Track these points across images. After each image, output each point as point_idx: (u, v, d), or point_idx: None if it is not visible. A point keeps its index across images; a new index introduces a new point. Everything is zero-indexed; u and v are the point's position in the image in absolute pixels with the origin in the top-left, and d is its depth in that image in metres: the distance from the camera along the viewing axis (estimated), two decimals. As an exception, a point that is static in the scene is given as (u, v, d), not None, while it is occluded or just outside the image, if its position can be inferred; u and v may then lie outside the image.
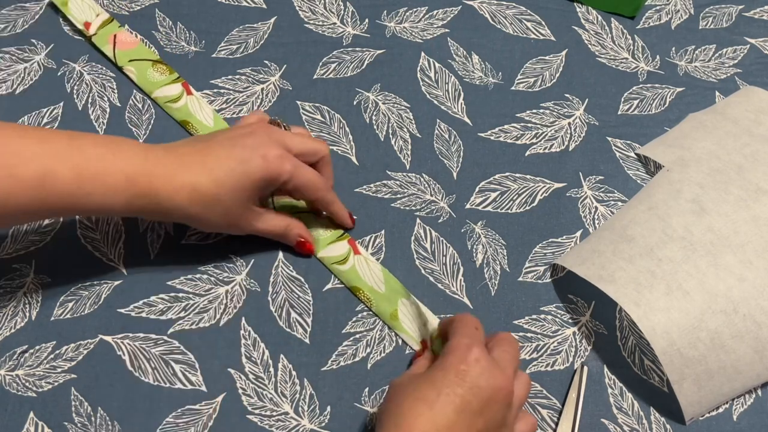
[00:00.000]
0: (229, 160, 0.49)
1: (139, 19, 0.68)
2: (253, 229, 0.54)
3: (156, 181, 0.48)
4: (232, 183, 0.49)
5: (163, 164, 0.49)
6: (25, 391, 0.52)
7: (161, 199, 0.49)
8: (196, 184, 0.49)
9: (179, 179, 0.49)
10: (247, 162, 0.50)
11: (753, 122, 0.61)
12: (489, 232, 0.59)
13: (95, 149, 0.47)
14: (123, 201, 0.48)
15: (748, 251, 0.53)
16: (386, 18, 0.69)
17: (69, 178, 0.46)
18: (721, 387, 0.51)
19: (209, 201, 0.49)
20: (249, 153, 0.50)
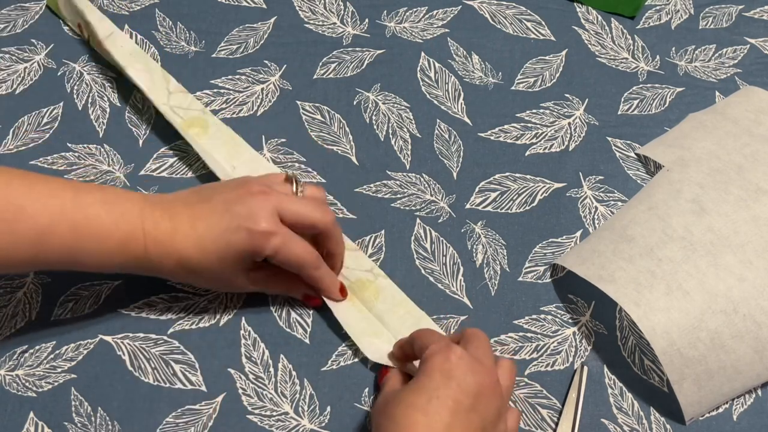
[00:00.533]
0: (218, 229, 0.49)
1: (139, 19, 0.68)
2: (251, 289, 0.53)
3: (148, 246, 0.48)
4: (216, 254, 0.49)
5: (157, 229, 0.49)
6: (25, 391, 0.52)
7: (153, 264, 0.49)
8: (184, 252, 0.49)
9: (169, 247, 0.49)
10: (232, 233, 0.48)
11: (753, 122, 0.61)
12: (489, 232, 0.59)
13: (94, 209, 0.48)
14: (117, 263, 0.49)
15: (748, 251, 0.53)
16: (386, 18, 0.69)
17: (67, 237, 0.47)
18: (721, 387, 0.51)
19: (196, 269, 0.50)
20: (236, 223, 0.48)
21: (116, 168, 0.61)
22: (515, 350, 0.54)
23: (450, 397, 0.43)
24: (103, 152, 0.61)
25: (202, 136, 0.61)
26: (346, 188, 0.60)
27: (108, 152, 0.61)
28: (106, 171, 0.61)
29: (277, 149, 0.62)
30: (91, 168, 0.61)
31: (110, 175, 0.60)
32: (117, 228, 0.48)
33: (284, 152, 0.62)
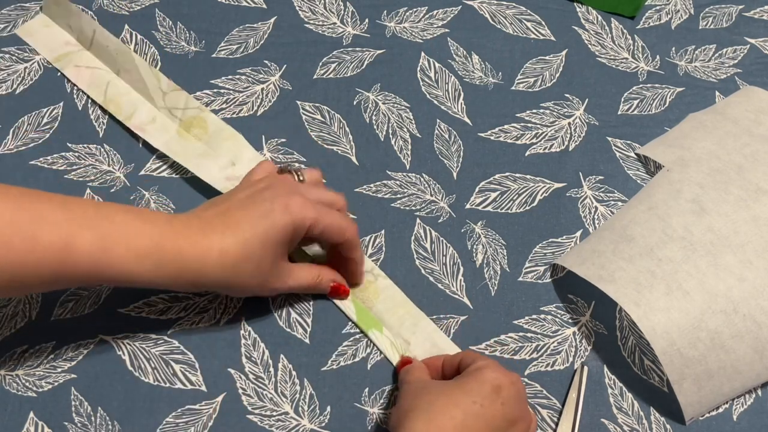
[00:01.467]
0: (252, 218, 0.48)
1: (139, 19, 0.68)
2: (285, 286, 0.52)
3: (184, 245, 0.46)
4: (258, 239, 0.48)
5: (189, 229, 0.47)
6: (25, 391, 0.52)
7: (189, 263, 0.46)
8: (223, 245, 0.47)
9: (206, 243, 0.47)
10: (269, 215, 0.48)
11: (753, 122, 0.61)
12: (489, 232, 0.59)
13: (121, 215, 0.46)
14: (149, 267, 0.46)
15: (748, 251, 0.53)
16: (386, 18, 0.69)
17: (93, 245, 0.44)
18: (721, 387, 0.51)
19: (238, 262, 0.47)
20: (269, 205, 0.48)
21: (116, 168, 0.61)
22: (515, 350, 0.54)
23: (492, 411, 0.44)
24: (103, 152, 0.61)
25: (203, 136, 0.61)
26: (346, 188, 0.60)
27: (108, 152, 0.61)
28: (106, 171, 0.61)
29: (277, 149, 0.62)
30: (91, 168, 0.61)
31: (110, 175, 0.60)
32: (146, 229, 0.46)
33: (284, 152, 0.62)
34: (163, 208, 0.59)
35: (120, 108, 0.62)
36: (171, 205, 0.59)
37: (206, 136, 0.61)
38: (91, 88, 0.63)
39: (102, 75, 0.64)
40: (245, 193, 0.50)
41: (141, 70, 0.63)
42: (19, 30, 0.66)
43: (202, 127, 0.61)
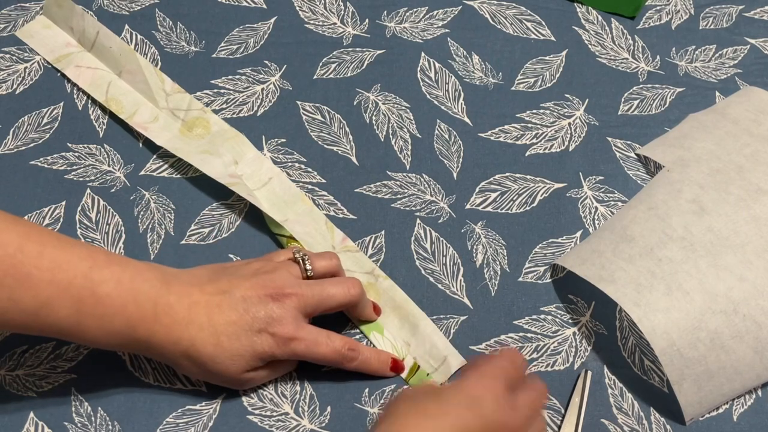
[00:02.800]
0: (238, 329, 0.47)
1: (139, 19, 0.68)
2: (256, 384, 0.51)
3: (157, 332, 0.46)
4: (232, 351, 0.47)
5: (169, 316, 0.47)
6: (25, 391, 0.52)
7: (153, 348, 0.47)
8: (197, 343, 0.47)
9: (180, 335, 0.47)
10: (255, 336, 0.47)
11: (753, 122, 0.61)
12: (489, 233, 0.59)
13: (105, 288, 0.45)
14: (117, 343, 0.47)
15: (748, 251, 0.53)
16: (386, 18, 0.69)
17: (68, 313, 0.45)
18: (721, 387, 0.51)
19: (202, 361, 0.47)
20: (258, 326, 0.47)
21: (116, 168, 0.61)
22: (515, 350, 0.55)
23: (465, 419, 0.42)
24: (103, 152, 0.61)
25: (205, 135, 0.61)
26: (346, 188, 0.60)
27: (108, 152, 0.61)
28: (106, 171, 0.61)
29: (277, 149, 0.62)
30: (91, 168, 0.61)
31: (110, 175, 0.60)
32: (125, 310, 0.46)
33: (284, 152, 0.62)
34: (163, 208, 0.59)
35: (122, 107, 0.62)
36: (171, 205, 0.59)
37: (209, 136, 0.61)
38: (92, 88, 0.63)
39: (103, 75, 0.64)
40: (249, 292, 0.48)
41: (145, 71, 0.63)
42: (18, 32, 0.66)
43: (205, 127, 0.62)
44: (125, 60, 0.63)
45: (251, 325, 0.47)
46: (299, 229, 0.58)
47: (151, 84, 0.63)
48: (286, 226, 0.57)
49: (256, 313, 0.48)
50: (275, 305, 0.48)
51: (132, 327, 0.46)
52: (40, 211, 0.58)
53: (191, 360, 0.48)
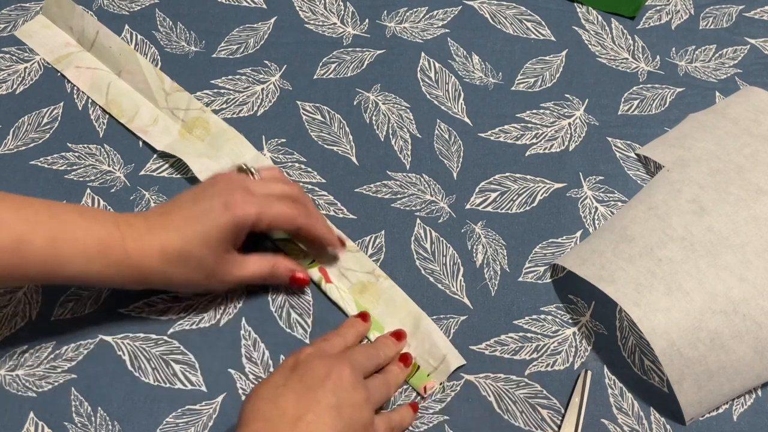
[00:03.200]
0: (193, 215, 0.49)
1: (139, 19, 0.68)
2: (235, 278, 0.52)
3: (129, 245, 0.48)
4: (199, 236, 0.49)
5: (133, 229, 0.49)
6: (25, 391, 0.52)
7: (134, 263, 0.48)
8: (165, 242, 0.49)
9: (149, 242, 0.48)
10: (209, 212, 0.49)
11: (753, 122, 0.61)
12: (489, 233, 0.59)
13: (70, 215, 0.48)
14: (97, 268, 0.48)
15: (748, 251, 0.53)
16: (386, 18, 0.69)
17: (44, 245, 0.46)
18: (721, 387, 0.51)
19: (180, 258, 0.49)
20: (209, 204, 0.50)
21: (116, 168, 0.61)
22: (515, 350, 0.54)
23: (297, 383, 0.45)
24: (103, 152, 0.61)
25: (205, 137, 0.61)
26: (346, 188, 0.60)
27: (108, 152, 0.61)
28: (106, 171, 0.61)
29: (277, 149, 0.62)
30: (91, 168, 0.61)
31: (110, 175, 0.60)
32: (93, 231, 0.47)
33: (284, 152, 0.62)
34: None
35: (122, 110, 0.62)
36: (171, 205, 0.59)
37: (208, 137, 0.61)
38: (92, 91, 0.63)
39: (103, 76, 0.64)
40: (191, 192, 0.52)
41: (145, 70, 0.63)
42: (18, 32, 0.66)
43: (204, 128, 0.61)
44: (125, 60, 0.63)
45: (204, 207, 0.50)
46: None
47: (150, 83, 0.63)
48: None
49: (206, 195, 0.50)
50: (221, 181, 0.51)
51: (105, 247, 0.47)
52: (40, 211, 0.58)
53: (170, 263, 0.49)
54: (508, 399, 0.53)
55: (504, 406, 0.52)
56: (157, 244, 0.48)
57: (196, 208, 0.50)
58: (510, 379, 0.53)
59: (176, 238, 0.49)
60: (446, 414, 0.52)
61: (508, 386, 0.53)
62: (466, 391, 0.53)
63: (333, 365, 0.47)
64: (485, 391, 0.53)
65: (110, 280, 0.49)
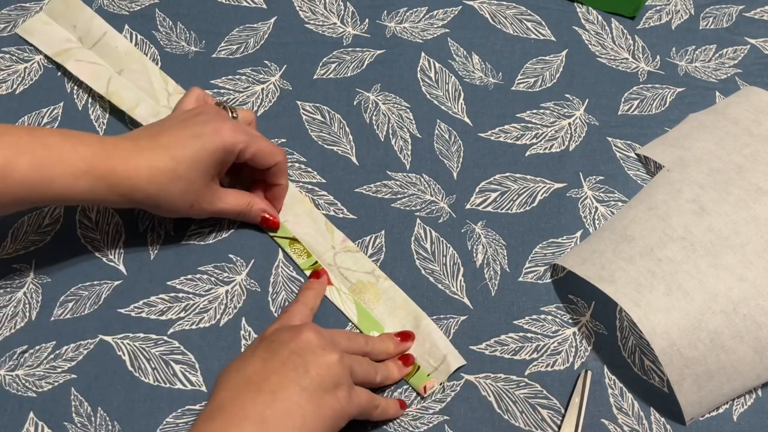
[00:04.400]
0: (184, 137, 0.51)
1: (139, 19, 0.68)
2: (215, 208, 0.54)
3: (115, 164, 0.49)
4: (189, 157, 0.50)
5: (120, 148, 0.49)
6: (25, 391, 0.52)
7: (121, 180, 0.49)
8: (154, 161, 0.50)
9: (137, 160, 0.49)
10: (201, 136, 0.51)
11: (753, 122, 0.61)
12: (489, 233, 0.59)
13: (53, 138, 0.48)
14: (85, 187, 0.48)
15: (748, 251, 0.53)
16: (386, 18, 0.69)
17: (30, 168, 0.47)
18: (721, 387, 0.51)
19: (168, 178, 0.50)
20: (201, 128, 0.51)
21: (116, 168, 0.61)
22: (515, 350, 0.54)
23: (263, 351, 0.47)
24: (103, 152, 0.61)
25: None
26: (346, 188, 0.60)
27: (108, 152, 0.61)
28: (106, 171, 0.60)
29: (277, 149, 0.62)
30: (91, 168, 0.61)
31: (110, 175, 0.60)
32: (78, 151, 0.48)
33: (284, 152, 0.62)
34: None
35: (122, 100, 0.62)
36: (171, 205, 0.59)
37: None
38: (92, 80, 0.63)
39: (103, 70, 0.64)
40: (180, 116, 0.53)
41: (149, 71, 0.63)
42: (19, 29, 0.66)
43: None
44: (129, 60, 0.64)
45: (194, 131, 0.51)
46: (299, 230, 0.58)
47: (154, 83, 0.63)
48: (286, 226, 0.57)
49: (196, 120, 0.52)
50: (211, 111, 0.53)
51: (91, 165, 0.48)
52: (40, 211, 0.58)
53: (157, 183, 0.50)
54: (508, 399, 0.53)
55: (504, 406, 0.52)
56: (145, 163, 0.49)
57: (187, 130, 0.51)
58: (510, 379, 0.53)
59: (167, 157, 0.50)
60: (446, 414, 0.52)
61: (508, 386, 0.53)
62: (466, 391, 0.53)
63: (298, 330, 0.48)
64: (485, 391, 0.53)
65: (97, 197, 0.49)
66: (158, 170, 0.50)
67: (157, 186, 0.50)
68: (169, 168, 0.50)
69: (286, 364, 0.45)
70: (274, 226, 0.57)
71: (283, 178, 0.57)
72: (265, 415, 0.43)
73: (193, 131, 0.51)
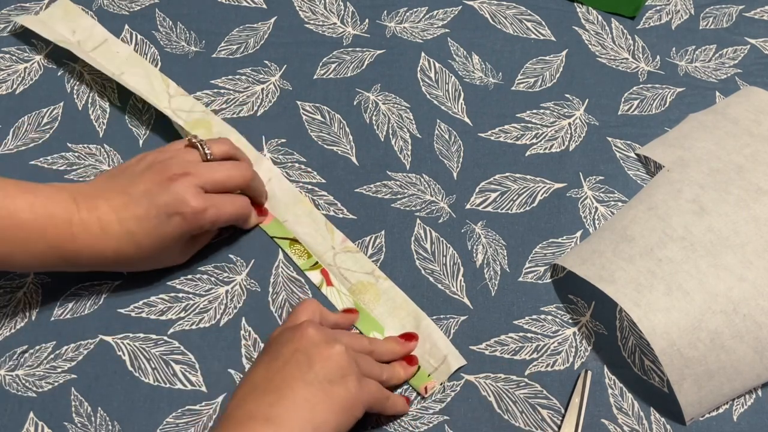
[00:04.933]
0: (148, 224, 0.50)
1: (139, 19, 0.68)
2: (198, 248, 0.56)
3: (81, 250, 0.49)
4: (153, 244, 0.51)
5: (87, 231, 0.49)
6: (25, 391, 0.52)
7: (84, 261, 0.50)
8: (119, 250, 0.50)
9: (101, 245, 0.50)
10: (166, 223, 0.50)
11: (753, 122, 0.61)
12: (489, 233, 0.59)
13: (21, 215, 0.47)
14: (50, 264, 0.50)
15: (748, 251, 0.53)
16: (386, 18, 0.69)
17: None
18: (721, 387, 0.51)
19: (131, 261, 0.52)
20: (165, 212, 0.50)
21: (116, 168, 0.61)
22: (515, 350, 0.54)
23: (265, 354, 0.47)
24: (103, 152, 0.61)
25: (207, 136, 0.61)
26: (346, 188, 0.60)
27: (108, 152, 0.61)
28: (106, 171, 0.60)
29: (277, 149, 0.62)
30: (91, 168, 0.61)
31: (110, 175, 0.60)
32: (45, 234, 0.48)
33: (284, 152, 0.62)
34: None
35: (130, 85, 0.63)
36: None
37: (210, 136, 0.61)
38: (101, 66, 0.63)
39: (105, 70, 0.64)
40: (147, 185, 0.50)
41: (150, 74, 0.63)
42: (19, 18, 0.66)
43: (206, 128, 0.62)
44: (130, 63, 0.64)
45: (159, 215, 0.50)
46: (299, 230, 0.58)
47: (155, 86, 0.63)
48: (286, 226, 0.57)
49: (159, 200, 0.50)
50: (175, 186, 0.50)
51: (55, 248, 0.49)
52: (40, 211, 0.58)
53: (123, 265, 0.52)
54: (508, 399, 0.53)
55: (504, 406, 0.52)
56: (109, 250, 0.50)
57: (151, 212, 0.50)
58: (510, 379, 0.53)
59: (129, 246, 0.50)
60: (446, 414, 0.52)
61: (508, 386, 0.53)
62: (466, 391, 0.53)
63: (298, 329, 0.48)
64: (485, 391, 0.53)
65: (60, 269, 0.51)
66: (124, 255, 0.51)
67: (123, 266, 0.53)
68: (133, 254, 0.51)
69: (289, 362, 0.45)
70: (264, 215, 0.58)
71: (261, 198, 0.58)
72: (271, 413, 0.43)
73: (157, 213, 0.50)
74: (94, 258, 0.50)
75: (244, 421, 0.43)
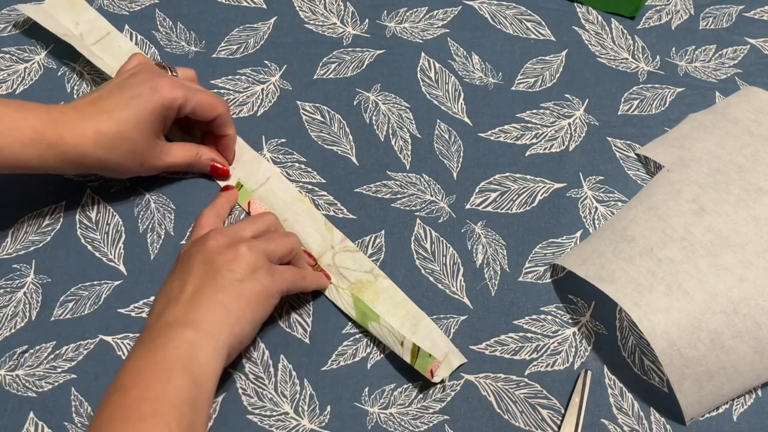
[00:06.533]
0: (124, 99, 0.53)
1: (139, 19, 0.68)
2: (164, 163, 0.57)
3: (62, 131, 0.51)
4: (132, 118, 0.52)
5: (65, 116, 0.51)
6: (25, 391, 0.52)
7: (69, 148, 0.51)
8: (99, 125, 0.52)
9: (82, 126, 0.51)
10: (140, 96, 0.53)
11: (753, 122, 0.61)
12: (489, 233, 0.59)
13: (1, 108, 0.50)
14: (34, 155, 0.50)
15: (748, 251, 0.53)
16: (386, 18, 0.69)
17: None
18: (721, 387, 0.51)
19: (114, 141, 0.52)
20: (139, 88, 0.53)
21: (116, 168, 0.61)
22: (515, 350, 0.54)
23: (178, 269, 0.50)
24: (103, 152, 0.61)
25: None
26: (346, 188, 0.60)
27: (108, 152, 0.61)
28: (106, 171, 0.61)
29: (277, 149, 0.62)
30: (91, 168, 0.61)
31: (110, 175, 0.60)
32: (27, 120, 0.50)
33: (284, 152, 0.62)
34: (163, 208, 0.59)
35: None
36: (171, 205, 0.59)
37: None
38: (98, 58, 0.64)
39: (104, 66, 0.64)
40: (117, 80, 0.55)
41: None
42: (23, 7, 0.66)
43: None
44: None
45: (133, 92, 0.53)
46: (298, 229, 0.58)
47: None
48: (285, 226, 0.57)
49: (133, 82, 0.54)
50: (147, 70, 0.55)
51: (40, 133, 0.50)
52: (40, 211, 0.58)
53: (105, 147, 0.52)
54: (508, 399, 0.53)
55: (504, 406, 0.53)
56: (90, 129, 0.51)
57: (125, 92, 0.53)
58: (510, 379, 0.53)
59: (110, 121, 0.52)
60: (446, 414, 0.52)
61: (508, 386, 0.53)
62: (466, 390, 0.53)
63: (203, 240, 0.51)
64: (485, 391, 0.53)
65: (48, 166, 0.51)
66: (103, 135, 0.52)
67: (104, 150, 0.52)
68: (114, 131, 0.52)
69: (198, 274, 0.49)
70: (224, 174, 0.60)
71: (229, 129, 0.59)
72: (187, 318, 0.46)
73: (133, 92, 0.53)
74: (77, 140, 0.51)
75: (163, 329, 0.46)
